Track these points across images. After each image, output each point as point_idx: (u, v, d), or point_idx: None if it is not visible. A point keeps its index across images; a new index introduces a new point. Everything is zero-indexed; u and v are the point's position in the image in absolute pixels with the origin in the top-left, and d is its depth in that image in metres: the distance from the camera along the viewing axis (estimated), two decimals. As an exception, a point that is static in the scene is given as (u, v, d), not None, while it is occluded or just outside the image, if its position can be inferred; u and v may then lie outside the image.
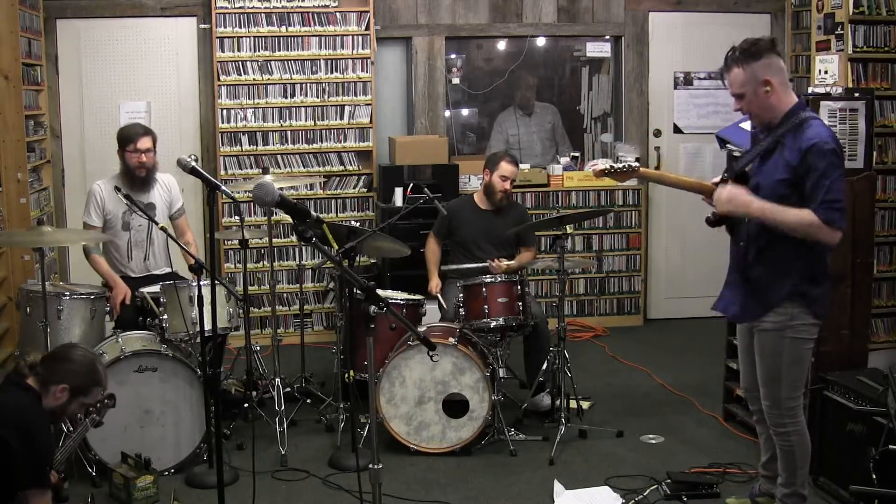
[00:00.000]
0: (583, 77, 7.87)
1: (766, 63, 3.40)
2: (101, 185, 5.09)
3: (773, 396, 3.57)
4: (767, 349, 3.55)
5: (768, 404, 3.60)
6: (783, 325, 3.48)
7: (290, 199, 3.03)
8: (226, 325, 4.76)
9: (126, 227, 5.08)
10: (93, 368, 3.43)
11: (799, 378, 3.56)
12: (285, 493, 4.30)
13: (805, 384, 3.66)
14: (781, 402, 3.55)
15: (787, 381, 3.52)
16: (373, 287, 3.07)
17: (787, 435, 3.58)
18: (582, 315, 7.12)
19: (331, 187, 6.80)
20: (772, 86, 3.41)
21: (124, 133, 5.04)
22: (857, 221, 4.29)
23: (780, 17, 7.21)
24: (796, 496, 3.66)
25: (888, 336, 5.26)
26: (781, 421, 3.57)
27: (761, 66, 3.40)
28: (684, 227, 7.25)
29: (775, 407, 3.57)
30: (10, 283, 5.44)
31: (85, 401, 3.45)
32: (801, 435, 3.60)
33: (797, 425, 3.58)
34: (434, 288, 5.43)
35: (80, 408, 3.47)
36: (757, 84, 3.41)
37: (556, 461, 4.55)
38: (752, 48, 3.41)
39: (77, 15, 6.58)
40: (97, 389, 3.47)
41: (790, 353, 3.50)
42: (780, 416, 3.57)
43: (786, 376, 3.52)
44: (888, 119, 5.22)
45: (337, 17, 6.66)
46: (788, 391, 3.54)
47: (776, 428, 3.60)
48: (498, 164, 5.44)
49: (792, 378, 3.53)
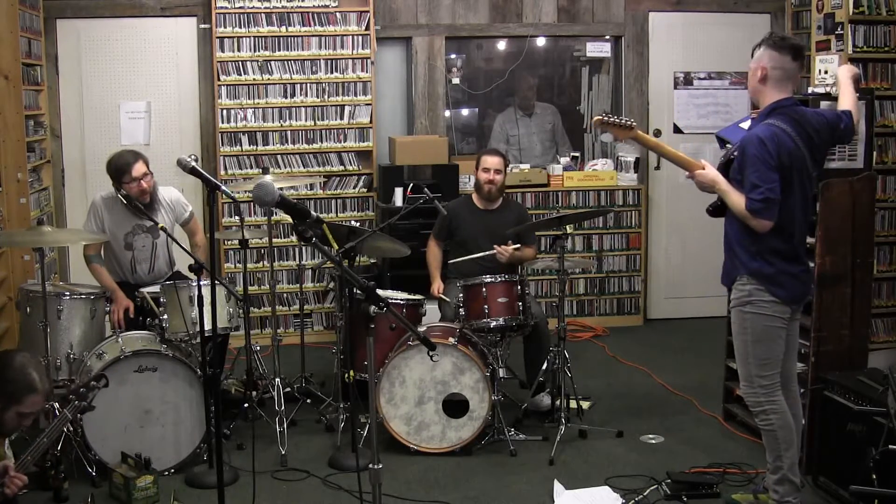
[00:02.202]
0: (583, 77, 7.88)
1: (775, 55, 3.65)
2: (102, 203, 5.02)
3: (746, 374, 3.76)
4: (735, 327, 3.79)
5: (744, 384, 3.79)
6: (743, 300, 3.72)
7: (290, 199, 3.03)
8: (226, 325, 4.76)
9: (129, 247, 5.07)
10: (25, 375, 3.26)
11: (768, 356, 3.72)
12: (285, 493, 4.30)
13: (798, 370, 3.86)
14: (753, 379, 3.73)
15: (756, 359, 3.72)
16: (373, 287, 3.07)
17: (765, 413, 3.73)
18: (582, 315, 7.12)
19: (331, 187, 6.80)
20: (765, 75, 3.65)
21: (116, 166, 4.89)
22: (857, 221, 4.29)
23: (780, 17, 7.20)
24: (786, 482, 3.70)
25: (888, 336, 5.25)
26: (758, 400, 3.74)
27: (769, 55, 3.66)
28: (684, 227, 7.25)
29: (749, 385, 3.76)
30: (10, 283, 5.44)
31: (21, 410, 3.28)
32: (781, 413, 3.72)
33: (774, 404, 3.72)
34: (437, 290, 5.43)
35: (18, 418, 3.30)
36: (757, 66, 3.68)
37: (556, 461, 4.55)
38: (778, 39, 3.69)
39: (77, 15, 6.57)
40: (33, 397, 3.29)
41: (753, 329, 3.70)
42: (756, 395, 3.74)
43: (753, 353, 3.72)
44: (888, 119, 5.21)
45: (337, 17, 6.66)
46: (758, 369, 3.72)
47: (754, 408, 3.77)
48: (480, 159, 5.52)
49: (760, 356, 3.72)
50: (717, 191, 3.72)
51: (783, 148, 3.56)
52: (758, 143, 3.55)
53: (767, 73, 3.65)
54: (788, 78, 3.66)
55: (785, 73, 3.65)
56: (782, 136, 3.57)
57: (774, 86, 3.66)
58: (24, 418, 3.34)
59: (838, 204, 4.30)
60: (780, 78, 3.65)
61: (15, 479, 3.23)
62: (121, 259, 5.08)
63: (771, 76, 3.65)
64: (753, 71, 3.70)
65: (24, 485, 3.26)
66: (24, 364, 3.30)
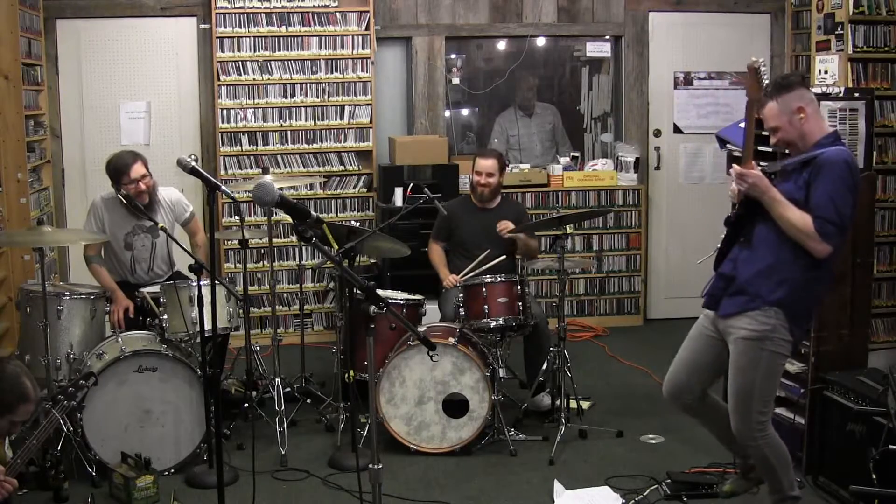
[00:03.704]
0: (583, 77, 7.88)
1: (798, 94, 3.48)
2: (102, 204, 5.02)
3: (744, 411, 3.53)
4: (743, 360, 3.51)
5: (737, 419, 3.56)
6: (763, 335, 3.45)
7: (290, 199, 3.03)
8: (226, 325, 4.76)
9: (129, 247, 5.07)
10: (18, 384, 3.27)
11: (770, 393, 3.54)
12: (285, 493, 4.30)
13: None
14: (752, 416, 3.52)
15: (761, 396, 3.50)
16: (373, 287, 3.07)
17: (758, 448, 3.56)
18: (582, 315, 7.12)
19: (331, 187, 6.80)
20: (805, 113, 3.46)
21: (115, 167, 4.89)
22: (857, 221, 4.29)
23: (780, 17, 7.20)
24: (788, 500, 3.64)
25: (888, 336, 5.26)
26: (752, 435, 3.54)
27: (794, 97, 3.47)
28: (684, 227, 7.25)
29: (745, 422, 3.54)
30: (10, 283, 5.44)
31: (13, 418, 3.29)
32: (772, 442, 3.57)
33: (767, 437, 3.55)
34: (452, 281, 5.30)
35: (10, 426, 3.31)
36: (791, 113, 3.47)
37: (556, 461, 4.55)
38: (783, 81, 3.51)
39: (77, 15, 6.57)
40: (25, 406, 3.30)
41: (767, 366, 3.48)
42: (751, 431, 3.54)
43: (759, 390, 3.49)
44: (888, 119, 5.22)
45: (337, 17, 6.66)
46: (759, 405, 3.51)
47: (746, 442, 3.58)
48: (474, 162, 5.53)
49: (766, 393, 3.52)
50: (767, 200, 3.42)
51: (857, 176, 3.46)
52: (843, 165, 3.35)
53: (808, 111, 3.46)
54: (817, 105, 3.55)
55: (815, 102, 3.53)
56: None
57: (817, 117, 3.50)
58: (14, 426, 3.36)
59: (838, 204, 4.29)
60: (816, 109, 3.51)
61: (4, 483, 3.24)
62: (121, 259, 5.08)
63: (810, 111, 3.47)
64: (792, 116, 3.46)
65: (14, 489, 3.27)
66: (17, 373, 3.31)
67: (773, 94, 3.50)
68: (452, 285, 5.28)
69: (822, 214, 3.33)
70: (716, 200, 6.70)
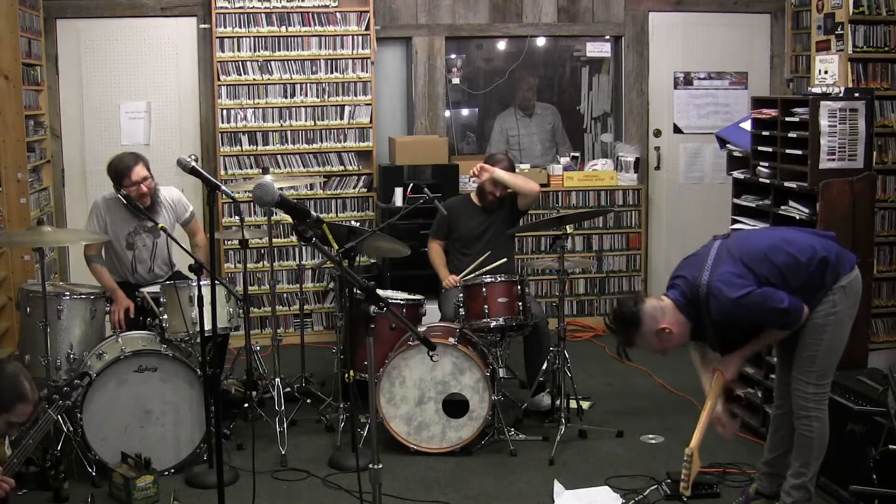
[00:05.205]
0: (583, 77, 7.88)
1: (650, 317, 3.57)
2: (104, 204, 5.02)
3: (805, 379, 3.65)
4: (808, 334, 3.63)
5: (797, 387, 3.67)
6: (827, 312, 3.58)
7: (290, 199, 3.03)
8: (226, 325, 4.76)
9: (131, 247, 5.07)
10: (17, 384, 3.28)
11: (831, 365, 3.65)
12: (285, 493, 4.30)
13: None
14: (810, 386, 3.64)
15: (819, 368, 3.62)
16: (373, 287, 3.07)
17: (808, 420, 3.64)
18: (582, 315, 7.12)
19: (331, 187, 6.80)
20: (669, 328, 3.59)
21: (116, 169, 4.90)
22: (857, 221, 4.30)
23: (780, 17, 7.20)
24: (804, 489, 3.67)
25: (888, 336, 5.25)
26: (807, 405, 3.64)
27: (648, 324, 3.57)
28: (684, 227, 7.25)
29: (803, 390, 3.65)
30: (10, 283, 5.44)
31: (10, 419, 3.30)
32: (824, 423, 3.66)
33: (822, 412, 3.65)
34: (451, 281, 5.31)
35: (7, 426, 3.32)
36: (659, 337, 3.61)
37: (556, 461, 4.55)
38: (626, 321, 3.61)
39: (77, 15, 6.57)
40: (22, 406, 3.32)
41: (830, 339, 3.60)
42: (806, 400, 3.64)
43: (819, 361, 3.62)
44: (888, 119, 5.21)
45: (337, 17, 6.66)
46: (819, 377, 3.63)
47: (800, 411, 3.66)
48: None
49: (826, 364, 3.63)
50: (743, 364, 3.82)
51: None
52: (734, 298, 3.48)
53: (668, 325, 3.59)
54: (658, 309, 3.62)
55: (657, 307, 3.61)
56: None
57: (674, 320, 3.60)
58: (12, 427, 3.37)
59: (838, 204, 4.31)
60: (665, 313, 3.60)
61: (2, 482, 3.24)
62: (122, 259, 5.08)
63: (668, 322, 3.59)
64: (663, 344, 3.63)
65: (11, 488, 3.27)
66: (15, 373, 3.32)
67: (630, 336, 3.62)
68: (452, 286, 5.28)
69: (771, 318, 3.52)
70: (716, 200, 6.70)
